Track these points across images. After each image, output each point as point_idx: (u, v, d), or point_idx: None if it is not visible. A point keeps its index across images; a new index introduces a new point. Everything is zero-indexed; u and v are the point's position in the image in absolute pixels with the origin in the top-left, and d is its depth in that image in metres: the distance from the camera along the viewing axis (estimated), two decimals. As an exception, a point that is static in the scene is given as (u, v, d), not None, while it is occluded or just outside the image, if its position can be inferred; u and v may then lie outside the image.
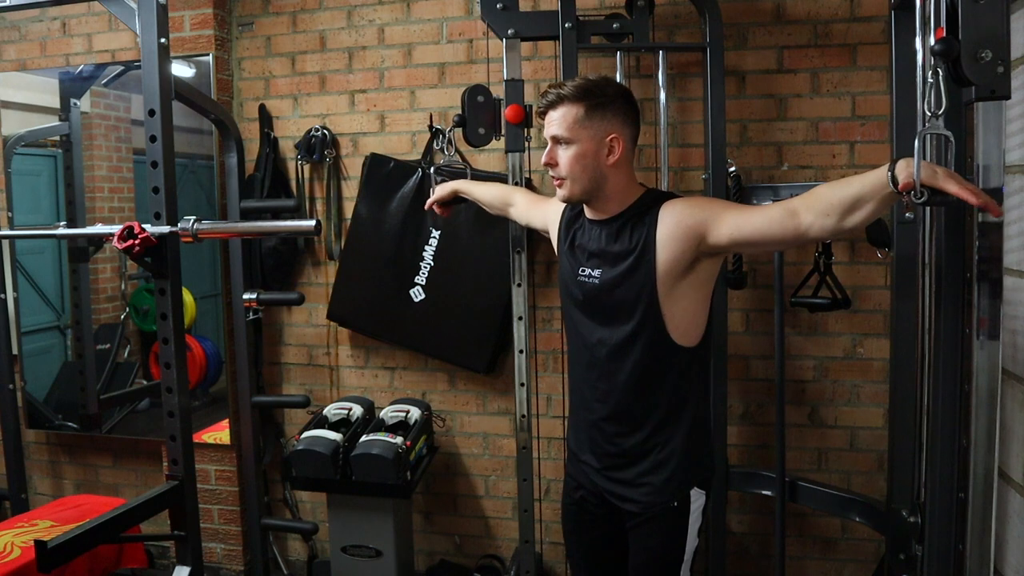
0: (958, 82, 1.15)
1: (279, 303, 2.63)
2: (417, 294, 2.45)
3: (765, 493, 2.19)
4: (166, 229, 1.74)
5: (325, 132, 2.53)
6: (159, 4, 1.71)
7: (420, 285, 2.44)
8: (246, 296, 2.50)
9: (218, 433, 2.67)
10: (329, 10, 2.56)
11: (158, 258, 1.74)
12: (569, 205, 1.62)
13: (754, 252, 1.45)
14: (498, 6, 2.04)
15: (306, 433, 2.30)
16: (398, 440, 2.21)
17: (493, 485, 2.59)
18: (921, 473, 1.74)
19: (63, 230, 2.15)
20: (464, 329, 2.44)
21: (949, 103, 1.14)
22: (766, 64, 2.25)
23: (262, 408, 2.64)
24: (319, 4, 2.56)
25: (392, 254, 2.45)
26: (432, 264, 2.43)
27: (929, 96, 1.14)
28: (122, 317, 2.92)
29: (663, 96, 2.14)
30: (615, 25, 2.11)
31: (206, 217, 1.85)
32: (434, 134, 2.41)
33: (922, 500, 1.71)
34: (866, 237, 2.07)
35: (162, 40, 1.72)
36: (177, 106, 1.81)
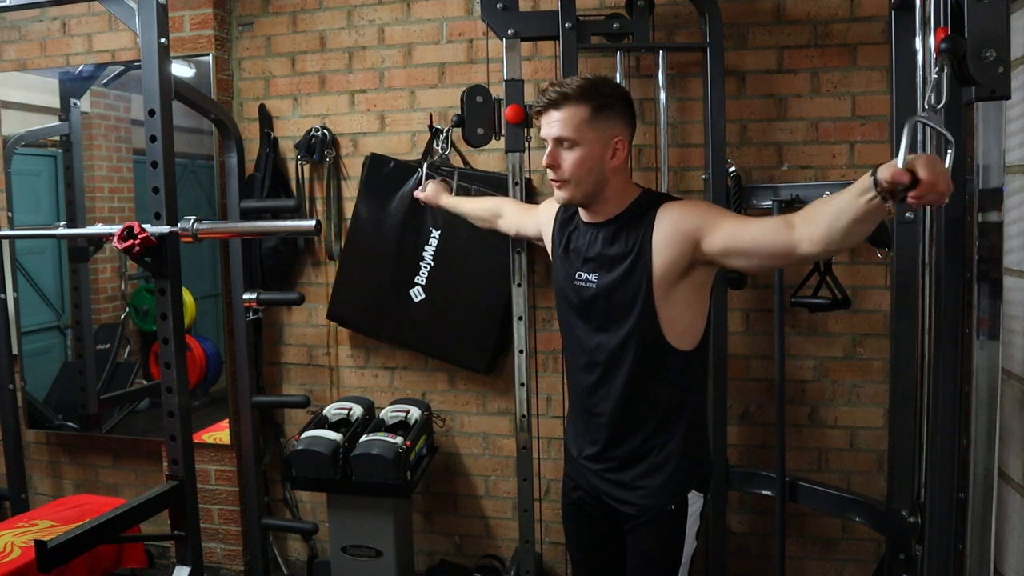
0: (962, 81, 1.14)
1: (279, 303, 2.63)
2: (417, 294, 2.45)
3: (765, 493, 2.19)
4: (166, 229, 1.74)
5: (325, 132, 2.53)
6: (159, 4, 1.71)
7: (420, 285, 2.44)
8: (246, 296, 2.50)
9: (218, 433, 2.66)
10: (329, 10, 2.56)
11: (158, 258, 1.74)
12: (563, 208, 1.61)
13: (746, 266, 1.39)
14: (498, 6, 2.04)
15: (306, 433, 2.30)
16: (398, 440, 2.21)
17: (493, 485, 2.59)
18: (921, 473, 1.75)
19: (63, 230, 2.15)
20: (464, 329, 2.44)
21: (950, 101, 1.13)
22: (766, 64, 2.25)
23: (262, 408, 2.64)
24: (319, 4, 2.56)
25: (392, 254, 2.45)
26: (432, 264, 2.43)
27: (931, 92, 1.13)
28: (122, 317, 2.92)
29: (663, 96, 2.15)
30: (615, 25, 2.11)
31: (206, 217, 1.85)
32: (434, 134, 2.41)
33: (922, 500, 1.71)
34: (866, 237, 2.07)
35: (162, 40, 1.72)
36: (177, 106, 1.81)
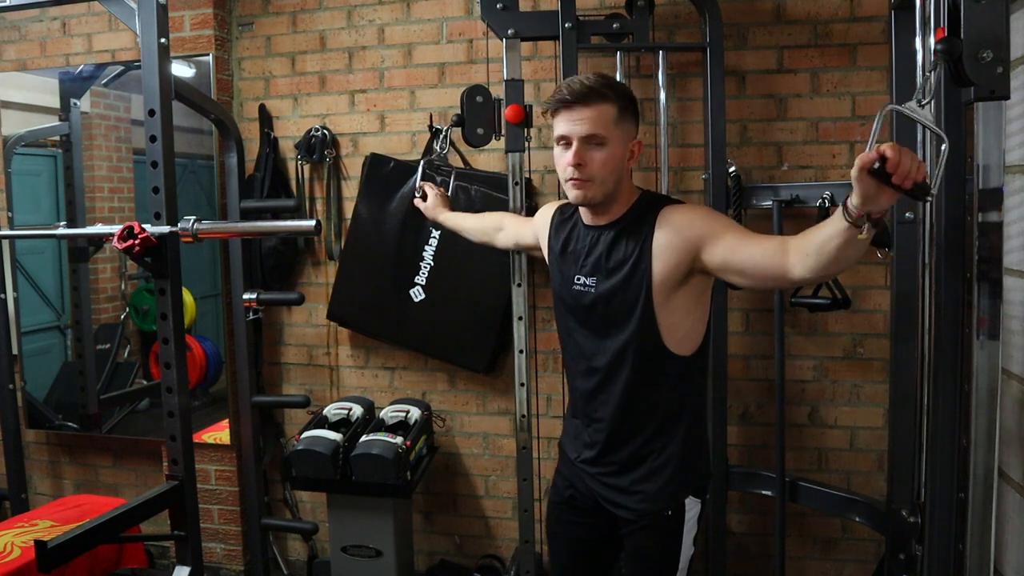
0: (958, 82, 1.14)
1: (279, 303, 2.63)
2: (417, 294, 2.45)
3: (765, 493, 2.19)
4: (166, 229, 1.74)
5: (325, 132, 2.53)
6: (159, 4, 1.71)
7: (420, 285, 2.44)
8: (246, 296, 2.50)
9: (218, 433, 2.66)
10: (329, 10, 2.56)
11: (158, 258, 1.74)
12: (559, 210, 1.60)
13: (740, 283, 1.37)
14: (498, 6, 2.04)
15: (306, 433, 2.30)
16: (398, 440, 2.21)
17: (493, 485, 2.59)
18: (921, 473, 1.75)
19: (63, 230, 2.15)
20: (464, 329, 2.44)
21: (947, 100, 1.13)
22: (766, 64, 2.25)
23: (262, 408, 2.64)
24: (319, 4, 2.56)
25: (392, 254, 2.45)
26: (432, 264, 2.43)
27: (920, 87, 1.10)
28: (122, 317, 2.92)
29: (663, 96, 2.15)
30: (615, 25, 2.11)
31: (206, 217, 1.85)
32: (434, 134, 2.40)
33: (922, 500, 1.71)
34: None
35: (162, 40, 1.72)
36: (177, 106, 1.81)
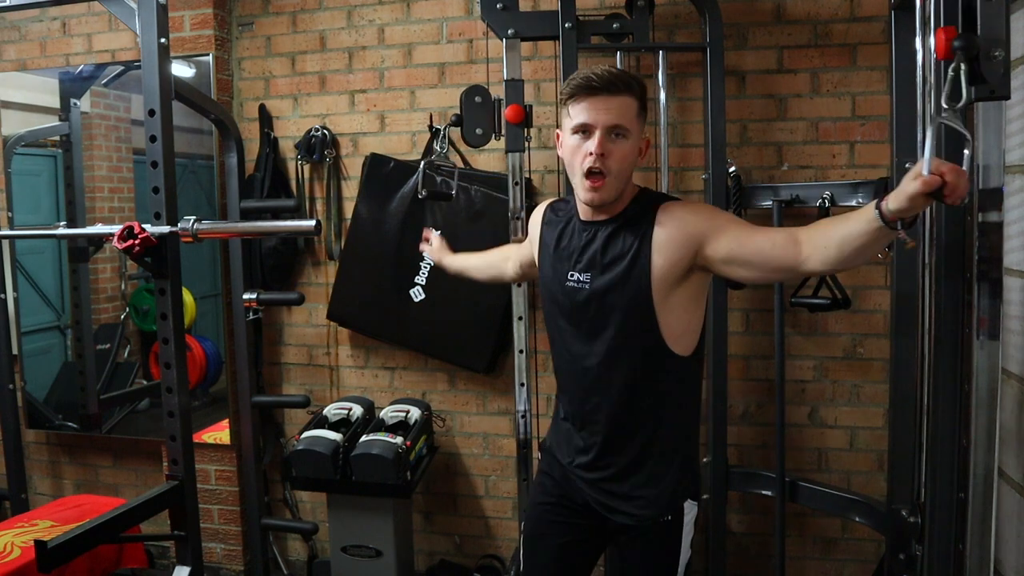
0: (973, 80, 1.13)
1: (279, 303, 2.63)
2: (417, 294, 2.45)
3: (765, 493, 2.19)
4: (166, 229, 1.74)
5: (325, 132, 2.53)
6: (159, 4, 1.71)
7: (420, 285, 2.44)
8: (246, 296, 2.50)
9: (218, 433, 2.66)
10: (329, 10, 2.56)
11: (158, 258, 1.74)
12: (549, 207, 1.57)
13: (745, 276, 1.36)
14: (498, 6, 2.05)
15: (306, 433, 2.30)
16: (398, 440, 2.21)
17: (493, 485, 2.59)
18: (921, 473, 1.74)
19: (63, 230, 2.15)
20: (464, 329, 2.44)
21: (946, 100, 1.13)
22: (766, 64, 2.25)
23: (262, 408, 2.64)
24: (319, 4, 2.56)
25: (392, 254, 2.45)
26: (432, 264, 2.43)
27: (946, 90, 1.10)
28: (122, 317, 2.92)
29: (663, 96, 2.15)
30: (615, 25, 2.12)
31: (206, 217, 1.85)
32: (434, 134, 2.40)
33: (922, 500, 1.71)
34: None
35: (162, 40, 1.72)
36: (177, 106, 1.81)
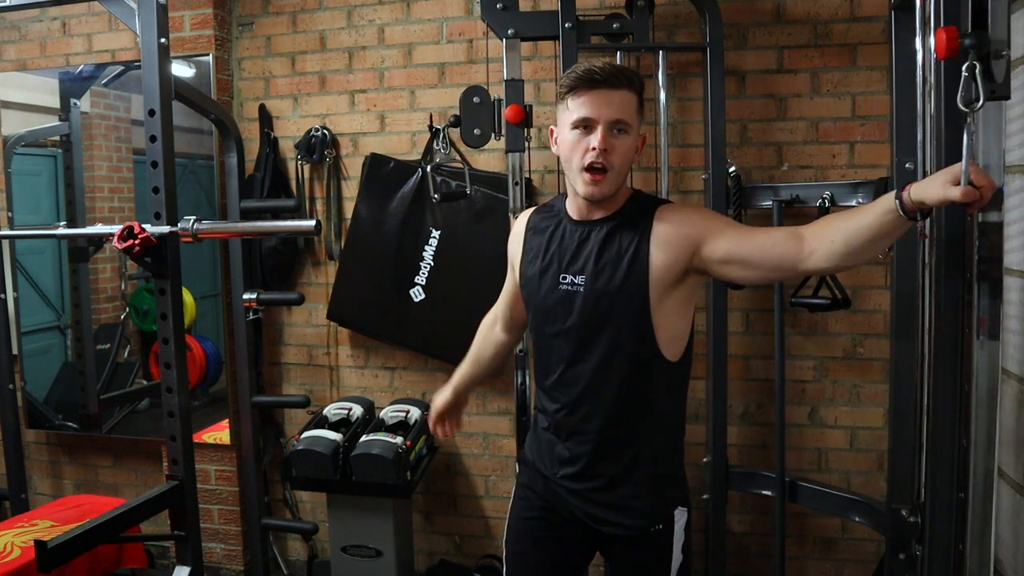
0: (987, 79, 1.13)
1: (279, 303, 2.63)
2: (417, 294, 2.45)
3: (765, 493, 2.19)
4: (166, 229, 1.74)
5: (325, 132, 2.53)
6: (159, 4, 1.71)
7: (420, 285, 2.44)
8: (246, 296, 2.50)
9: (218, 433, 2.66)
10: (329, 10, 2.56)
11: (158, 258, 1.74)
12: (535, 212, 1.52)
13: (744, 276, 1.35)
14: (498, 6, 2.05)
15: (306, 433, 2.30)
16: (398, 440, 2.21)
17: (493, 485, 2.59)
18: (921, 473, 1.74)
19: (63, 230, 2.16)
20: (464, 329, 2.42)
21: (947, 102, 1.12)
22: (766, 64, 2.25)
23: (262, 408, 2.63)
24: (319, 4, 2.56)
25: (392, 254, 2.45)
26: (432, 264, 2.43)
27: (962, 92, 1.10)
28: (122, 317, 2.92)
29: (663, 96, 2.15)
30: (615, 25, 2.12)
31: (206, 217, 1.85)
32: (434, 134, 2.41)
33: (922, 500, 1.71)
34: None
35: (162, 40, 1.72)
36: (177, 106, 1.81)
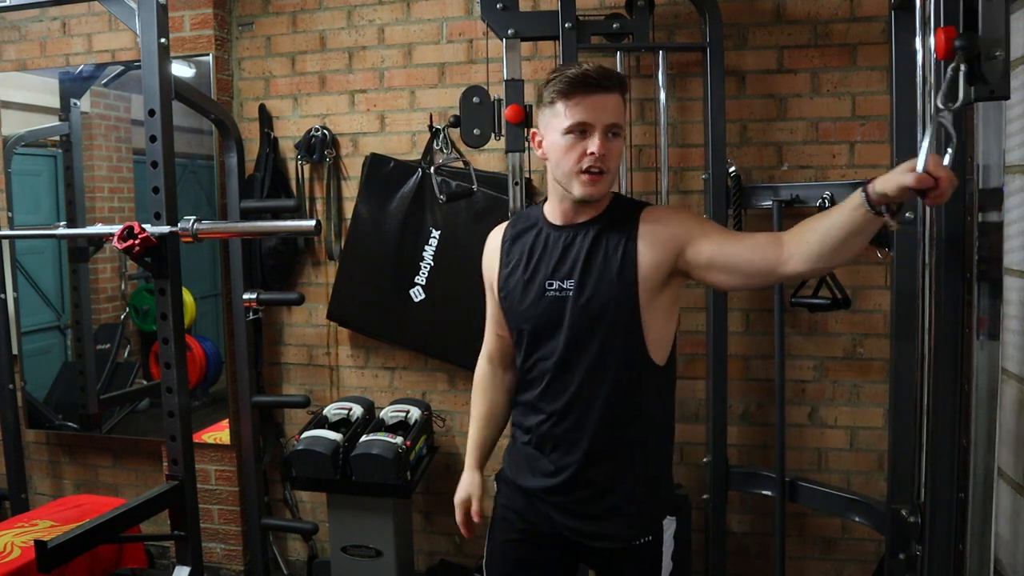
0: (972, 80, 1.14)
1: (279, 303, 2.63)
2: (417, 294, 2.45)
3: (765, 493, 2.19)
4: (166, 229, 1.74)
5: (325, 132, 2.53)
6: (159, 4, 1.71)
7: (420, 285, 2.44)
8: (246, 296, 2.50)
9: (218, 433, 2.67)
10: (329, 10, 2.55)
11: (158, 258, 1.74)
12: (509, 224, 1.50)
13: (725, 282, 1.33)
14: (498, 6, 2.04)
15: (306, 433, 2.30)
16: (398, 440, 2.21)
17: (493, 485, 2.58)
18: (921, 473, 1.74)
19: (63, 230, 2.16)
20: (464, 329, 2.43)
21: (964, 99, 1.12)
22: (766, 64, 2.25)
23: (262, 408, 2.63)
24: (319, 4, 2.56)
25: (392, 254, 2.45)
26: (432, 264, 2.43)
27: (944, 90, 1.11)
28: (122, 317, 2.92)
29: (663, 96, 2.15)
30: (615, 25, 2.11)
31: (206, 217, 1.85)
32: (434, 134, 2.41)
33: (922, 500, 1.71)
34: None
35: (162, 40, 1.72)
36: (177, 106, 1.81)
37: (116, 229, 1.71)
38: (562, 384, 1.37)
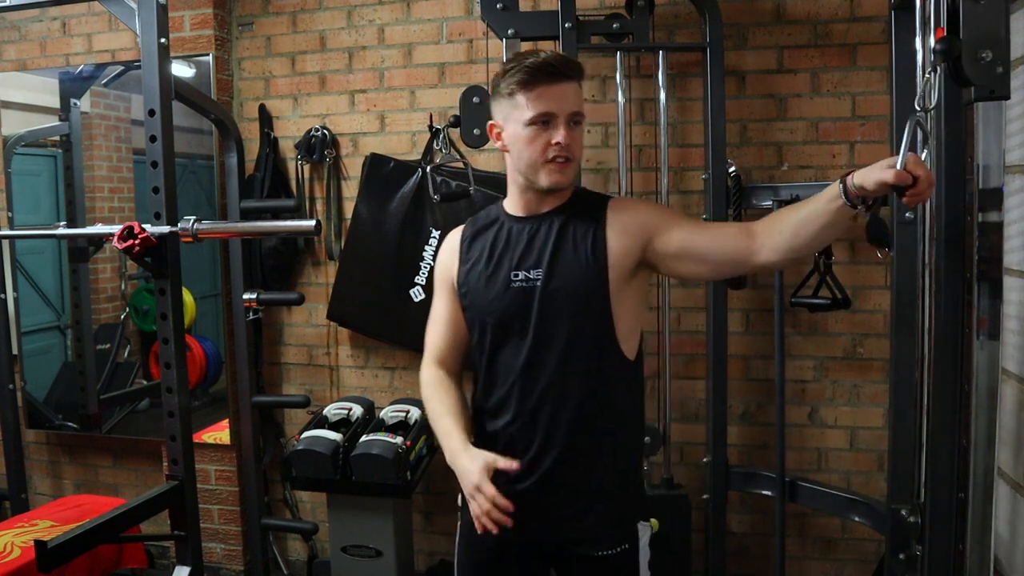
0: (958, 82, 1.15)
1: (279, 303, 2.63)
2: (417, 294, 2.45)
3: (765, 493, 2.19)
4: (166, 229, 1.74)
5: (325, 132, 2.53)
6: (159, 4, 1.71)
7: (420, 285, 2.44)
8: (246, 296, 2.50)
9: (218, 433, 2.67)
10: (329, 10, 2.55)
11: (158, 258, 1.74)
12: (468, 223, 1.45)
13: (694, 272, 1.32)
14: (498, 6, 2.04)
15: (306, 433, 2.30)
16: (398, 440, 2.21)
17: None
18: (921, 473, 1.74)
19: (63, 230, 2.16)
20: (464, 329, 2.44)
21: (947, 100, 1.13)
22: (766, 64, 2.25)
23: (262, 408, 2.63)
24: (319, 4, 2.56)
25: (392, 254, 2.45)
26: (432, 264, 2.42)
27: (924, 91, 1.13)
28: (122, 317, 2.92)
29: (663, 96, 2.14)
30: (615, 25, 2.11)
31: (206, 217, 1.85)
32: (434, 134, 2.41)
33: (922, 500, 1.71)
34: (866, 237, 2.07)
35: (162, 40, 1.72)
36: (177, 106, 1.81)
37: (116, 229, 1.71)
38: (532, 379, 1.31)
